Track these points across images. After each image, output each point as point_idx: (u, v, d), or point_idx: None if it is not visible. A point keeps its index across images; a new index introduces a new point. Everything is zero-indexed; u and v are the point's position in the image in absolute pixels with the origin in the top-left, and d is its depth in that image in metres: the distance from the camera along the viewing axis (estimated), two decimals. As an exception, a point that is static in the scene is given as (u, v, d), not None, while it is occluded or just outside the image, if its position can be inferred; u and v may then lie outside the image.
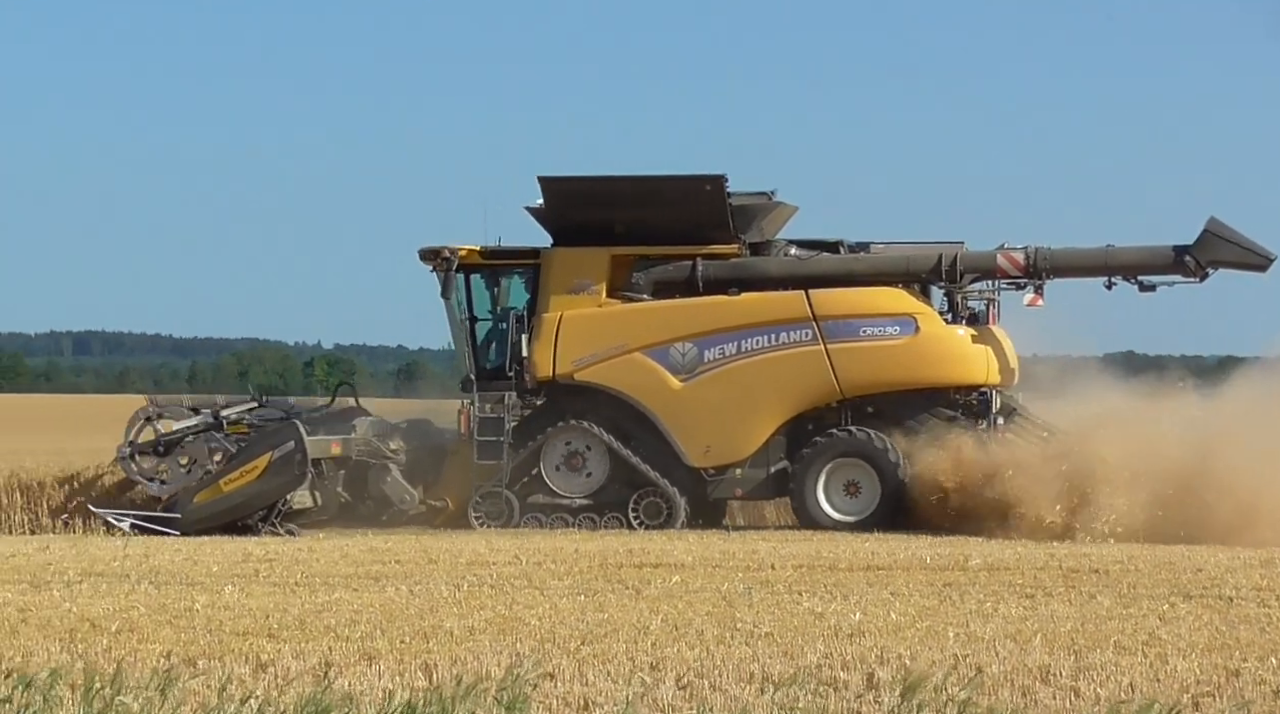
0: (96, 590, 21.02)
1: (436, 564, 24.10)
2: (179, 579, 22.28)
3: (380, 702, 13.19)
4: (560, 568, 23.57)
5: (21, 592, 20.87)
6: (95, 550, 26.18)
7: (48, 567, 23.77)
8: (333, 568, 23.69)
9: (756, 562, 24.44)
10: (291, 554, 25.50)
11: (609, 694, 14.15)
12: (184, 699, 12.54)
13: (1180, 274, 30.39)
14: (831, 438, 30.06)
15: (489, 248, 31.01)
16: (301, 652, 16.18)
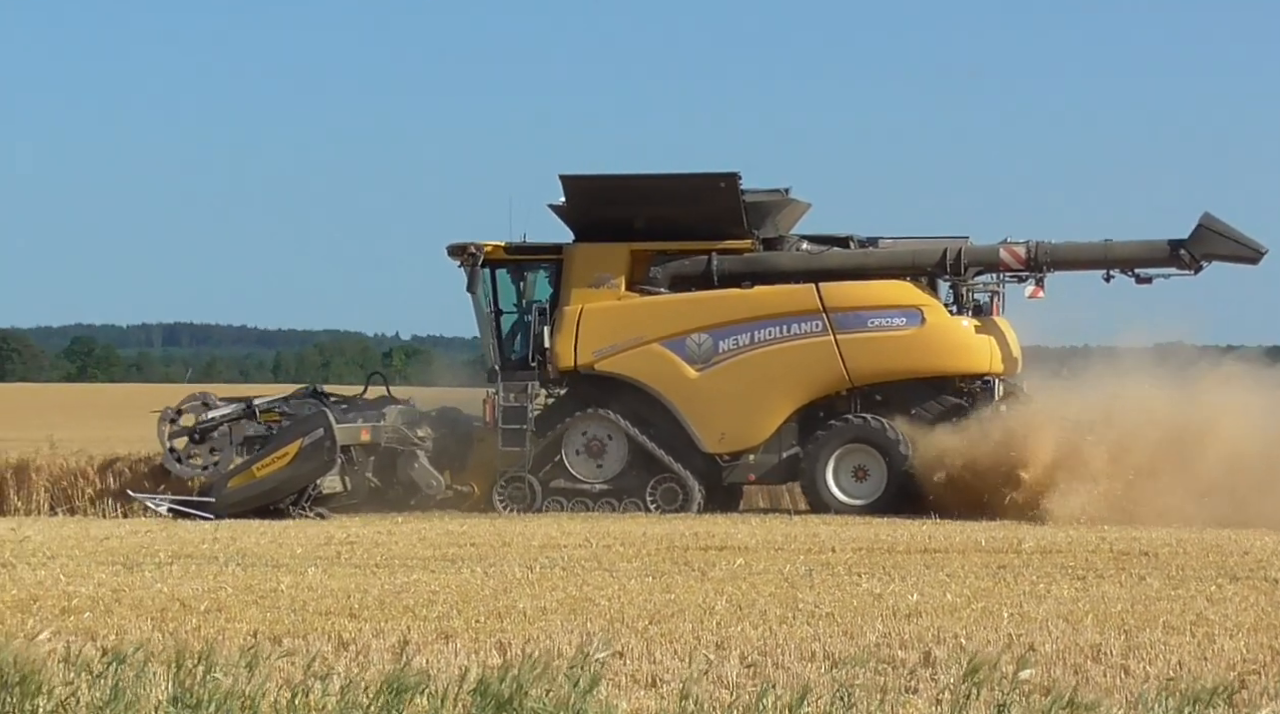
0: (186, 572, 21.17)
1: (510, 547, 24.19)
2: (265, 561, 22.41)
3: (456, 678, 13.26)
4: (629, 551, 23.63)
5: (115, 573, 21.04)
6: (185, 534, 26.36)
7: (140, 549, 23.95)
8: (411, 550, 23.80)
9: (817, 545, 24.46)
10: (371, 537, 25.63)
11: (675, 672, 14.21)
12: (270, 676, 12.62)
13: (1176, 267, 30.56)
14: (840, 425, 30.27)
15: (513, 244, 31.27)
16: (381, 630, 16.28)
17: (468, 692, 12.11)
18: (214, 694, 12.01)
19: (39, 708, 11.89)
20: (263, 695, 12.14)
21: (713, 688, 13.09)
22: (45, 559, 22.54)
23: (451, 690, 12.31)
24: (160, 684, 12.38)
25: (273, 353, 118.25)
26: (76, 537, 25.72)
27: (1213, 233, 30.23)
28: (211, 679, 12.15)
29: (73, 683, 12.26)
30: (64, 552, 23.49)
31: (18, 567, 21.69)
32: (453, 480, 31.24)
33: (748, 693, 13.19)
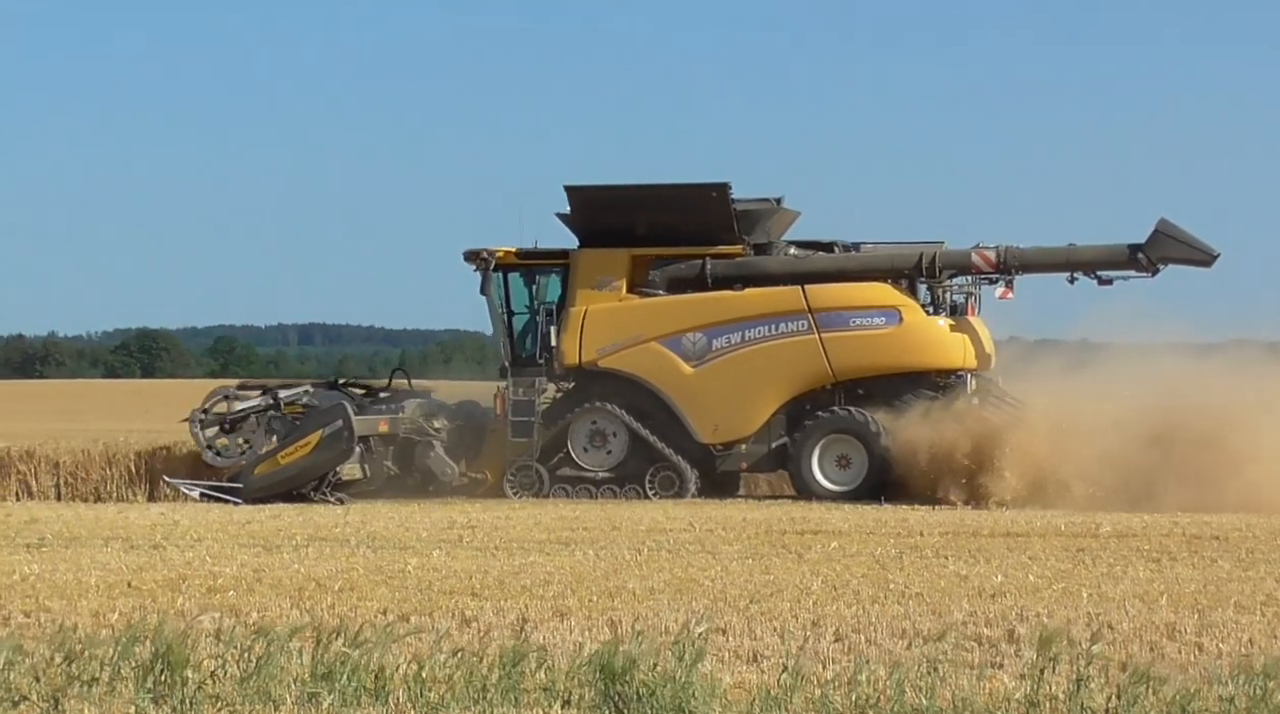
0: (321, 553, 21.30)
1: (619, 531, 24.21)
2: (393, 544, 22.52)
3: (571, 653, 13.30)
4: (730, 534, 23.60)
5: (256, 554, 21.20)
6: (319, 518, 26.53)
7: (278, 532, 24.12)
8: (528, 534, 23.85)
9: (906, 529, 24.37)
10: (491, 522, 25.71)
11: (774, 647, 14.19)
12: (400, 651, 12.69)
13: (1134, 269, 30.79)
14: (824, 417, 30.49)
15: (523, 249, 31.60)
16: (501, 609, 16.33)
17: (581, 665, 12.14)
18: (348, 667, 12.09)
19: (189, 680, 12.00)
20: (393, 669, 12.21)
21: (809, 663, 13.05)
22: (193, 541, 22.74)
23: (566, 664, 12.34)
24: (300, 658, 12.46)
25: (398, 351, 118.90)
26: (221, 521, 25.95)
27: (1168, 237, 30.44)
28: (346, 654, 12.22)
29: (220, 657, 12.36)
30: (209, 535, 23.68)
31: (167, 549, 21.90)
32: (468, 468, 31.55)
33: (842, 667, 13.16)
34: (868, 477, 30.15)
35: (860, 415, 30.29)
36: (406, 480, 31.33)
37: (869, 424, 30.19)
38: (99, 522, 25.83)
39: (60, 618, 15.61)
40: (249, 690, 11.98)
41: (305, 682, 12.08)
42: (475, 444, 31.65)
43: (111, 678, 12.05)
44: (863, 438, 30.23)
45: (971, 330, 31.26)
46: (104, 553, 21.35)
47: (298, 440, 30.52)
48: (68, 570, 19.34)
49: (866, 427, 30.20)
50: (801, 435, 30.44)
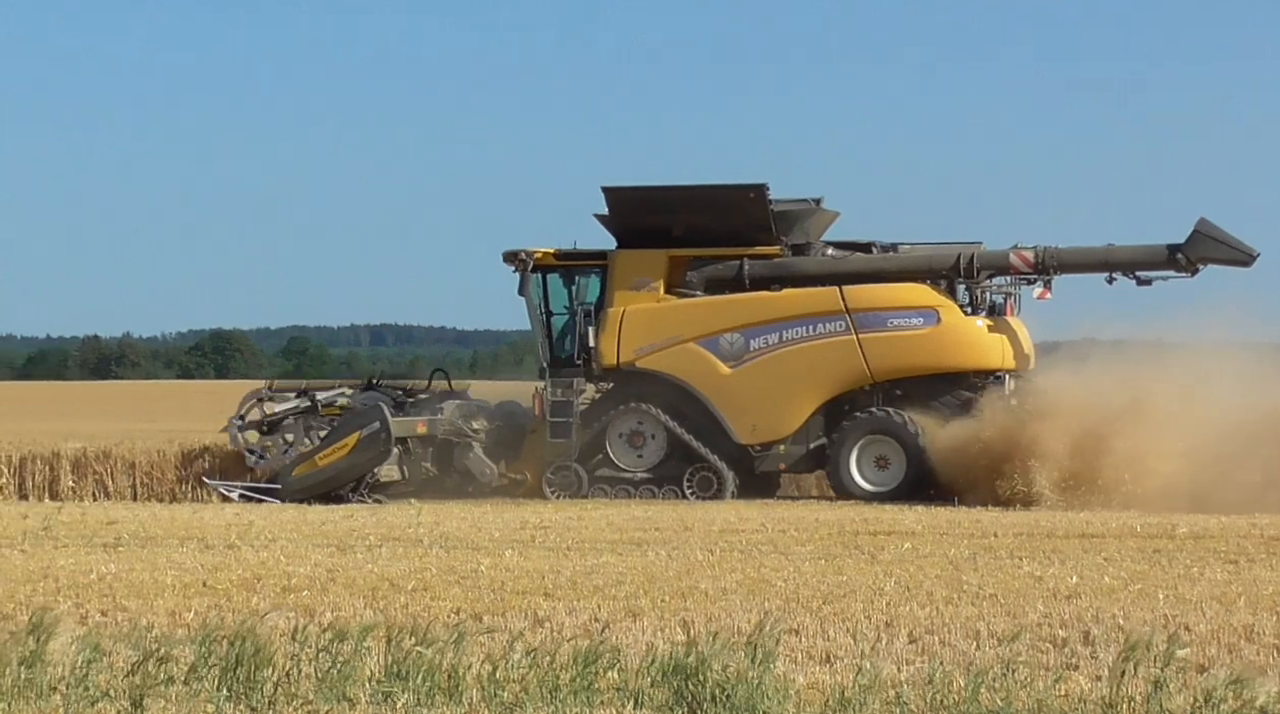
0: (394, 554, 21.36)
1: (692, 531, 24.19)
2: (465, 544, 22.56)
3: (643, 653, 13.29)
4: (803, 535, 23.56)
5: (330, 555, 21.29)
6: (392, 519, 26.61)
7: (352, 533, 24.21)
8: (600, 534, 23.86)
9: (980, 530, 24.26)
10: (563, 522, 25.74)
11: (847, 648, 14.16)
12: (473, 651, 12.72)
13: (1173, 270, 30.66)
14: (862, 417, 30.46)
15: (562, 250, 31.67)
16: (574, 609, 16.34)
17: (654, 665, 12.13)
18: (422, 666, 12.12)
19: (265, 679, 12.06)
20: (466, 668, 12.24)
21: (883, 664, 13.01)
22: (267, 541, 22.85)
23: (639, 664, 12.34)
24: (374, 657, 12.51)
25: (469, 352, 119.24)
26: (294, 521, 26.07)
27: (1207, 237, 30.29)
28: (419, 654, 12.26)
29: (295, 656, 12.42)
30: (283, 535, 23.79)
31: (242, 549, 22.01)
32: (507, 469, 31.64)
33: (916, 669, 13.11)
34: (906, 477, 30.15)
35: (898, 416, 30.28)
36: (445, 481, 31.43)
37: (907, 425, 30.18)
38: (174, 522, 26.01)
39: (137, 617, 15.72)
40: (325, 689, 12.04)
41: (380, 681, 12.12)
42: (515, 445, 31.80)
43: (189, 677, 12.13)
44: (901, 439, 30.22)
45: (1010, 331, 31.21)
46: (180, 553, 21.49)
47: (336, 442, 30.73)
48: (144, 570, 19.48)
49: (904, 427, 30.19)
50: (839, 436, 30.45)
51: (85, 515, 26.93)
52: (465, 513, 27.63)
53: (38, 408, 63.67)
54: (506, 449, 31.73)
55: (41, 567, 19.83)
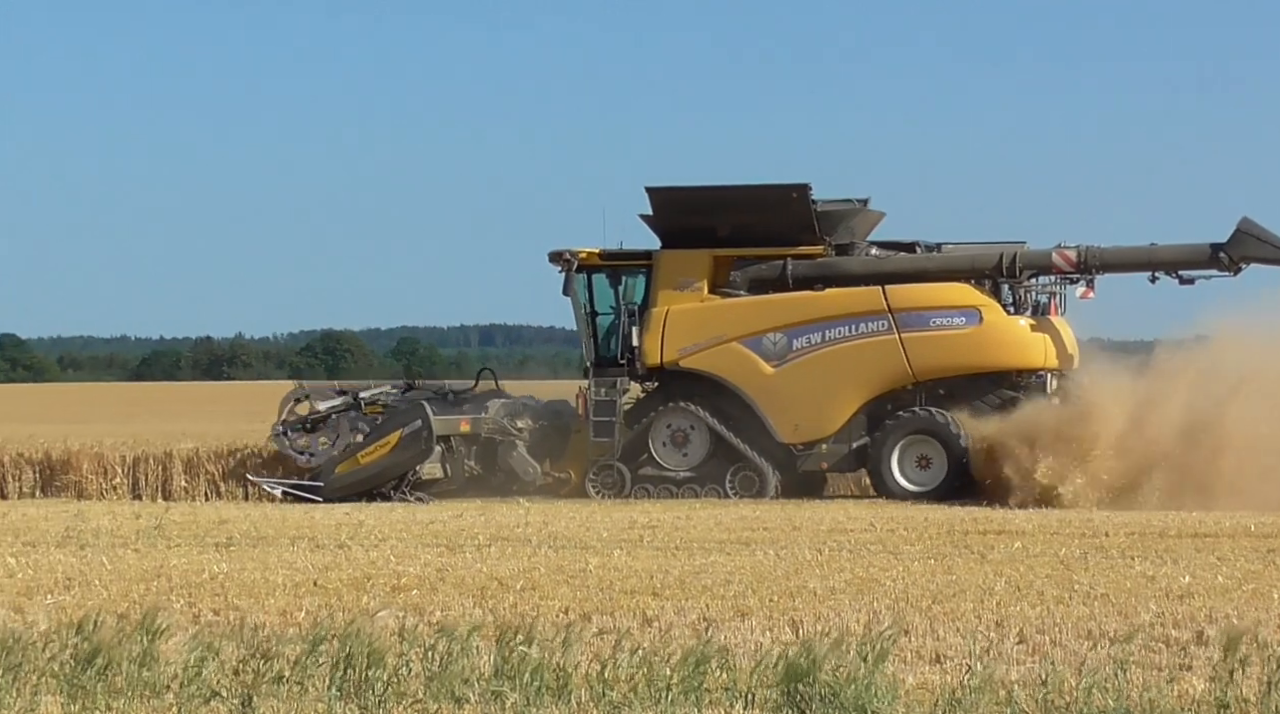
0: (503, 553, 21.42)
1: (800, 531, 24.13)
2: (574, 543, 22.59)
3: (752, 652, 13.26)
4: (911, 534, 23.44)
5: (440, 554, 21.36)
6: (501, 518, 26.71)
7: (461, 532, 24.30)
8: (708, 534, 23.84)
9: (1091, 529, 24.05)
10: (671, 522, 25.73)
11: (958, 648, 14.07)
12: (581, 650, 12.73)
13: (1216, 269, 30.59)
14: (905, 417, 30.45)
15: (607, 250, 31.77)
16: (682, 608, 16.32)
17: (763, 665, 12.10)
18: (532, 666, 12.14)
19: (375, 678, 12.12)
20: (575, 667, 12.25)
21: (994, 664, 12.91)
22: (377, 541, 22.97)
23: (748, 664, 12.31)
24: (483, 656, 12.54)
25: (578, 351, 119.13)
26: (404, 521, 26.20)
27: (1250, 237, 30.24)
28: (529, 652, 12.28)
29: (405, 655, 12.47)
30: (393, 534, 23.92)
31: (352, 548, 22.13)
32: (552, 467, 31.79)
33: (1027, 669, 13.01)
34: (948, 477, 30.15)
35: (940, 415, 30.31)
36: (490, 480, 31.64)
37: (949, 424, 30.20)
38: (285, 521, 26.20)
39: (248, 616, 15.84)
40: (434, 688, 12.08)
41: (489, 680, 12.15)
42: (561, 444, 32.01)
43: (300, 676, 12.20)
44: (942, 438, 30.25)
45: (1053, 330, 31.20)
46: (290, 552, 21.64)
47: (378, 440, 30.95)
48: (255, 569, 19.63)
49: (946, 427, 30.20)
50: (881, 435, 30.49)
51: (197, 515, 27.19)
52: (574, 512, 27.68)
53: (150, 408, 64.39)
54: (552, 448, 32.00)
55: (154, 566, 20.03)
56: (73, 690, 11.98)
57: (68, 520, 25.96)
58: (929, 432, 30.30)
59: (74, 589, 17.97)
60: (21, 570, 19.57)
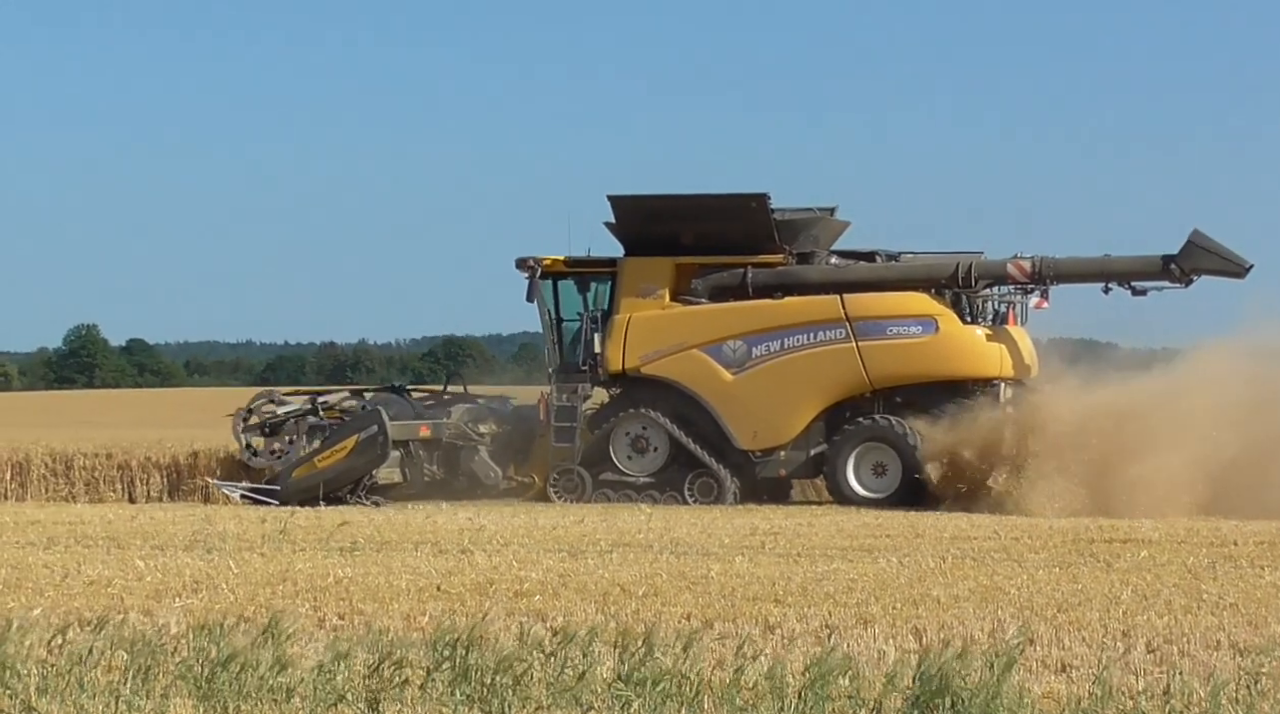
0: (625, 559, 21.42)
1: (922, 538, 24.01)
2: (695, 550, 22.57)
3: (875, 660, 13.20)
4: (1036, 543, 23.26)
5: (561, 560, 21.38)
6: (623, 524, 26.73)
7: (583, 538, 24.34)
8: (830, 541, 23.76)
9: (1219, 538, 23.77)
10: (793, 529, 25.67)
11: (1084, 658, 13.94)
12: (703, 656, 12.72)
13: (1168, 280, 30.92)
14: (859, 425, 30.80)
15: (572, 258, 32.19)
16: (805, 615, 16.27)
17: (886, 674, 12.04)
18: (654, 672, 12.14)
19: (499, 683, 12.16)
20: (697, 674, 12.23)
21: (1121, 674, 12.79)
22: (499, 546, 23.05)
23: (871, 673, 12.25)
24: (605, 662, 12.55)
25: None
26: (526, 526, 26.28)
27: (1201, 249, 30.58)
28: (651, 659, 12.28)
29: (527, 660, 12.51)
30: (515, 540, 23.99)
31: (475, 553, 22.22)
32: (516, 472, 32.25)
33: (1154, 679, 12.87)
34: (903, 484, 30.47)
35: (894, 423, 30.57)
36: (454, 484, 32.14)
37: (903, 432, 30.45)
38: (409, 526, 26.35)
39: (373, 620, 15.94)
40: (558, 693, 12.11)
41: (613, 685, 12.16)
42: (527, 448, 32.42)
43: (424, 680, 12.27)
44: (897, 446, 30.54)
45: (1009, 339, 31.48)
46: (414, 557, 21.76)
47: (334, 444, 31.47)
48: (379, 574, 19.75)
49: (900, 434, 30.46)
50: (837, 443, 30.87)
51: (321, 519, 27.40)
52: (695, 518, 27.68)
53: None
54: (517, 452, 32.48)
55: (280, 570, 20.20)
56: (202, 693, 12.10)
57: (195, 524, 26.25)
58: (884, 439, 30.72)
59: (202, 592, 18.16)
60: (150, 574, 19.80)
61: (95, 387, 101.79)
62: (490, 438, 32.36)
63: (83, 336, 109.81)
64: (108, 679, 12.35)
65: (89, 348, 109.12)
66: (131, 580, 19.19)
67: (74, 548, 22.99)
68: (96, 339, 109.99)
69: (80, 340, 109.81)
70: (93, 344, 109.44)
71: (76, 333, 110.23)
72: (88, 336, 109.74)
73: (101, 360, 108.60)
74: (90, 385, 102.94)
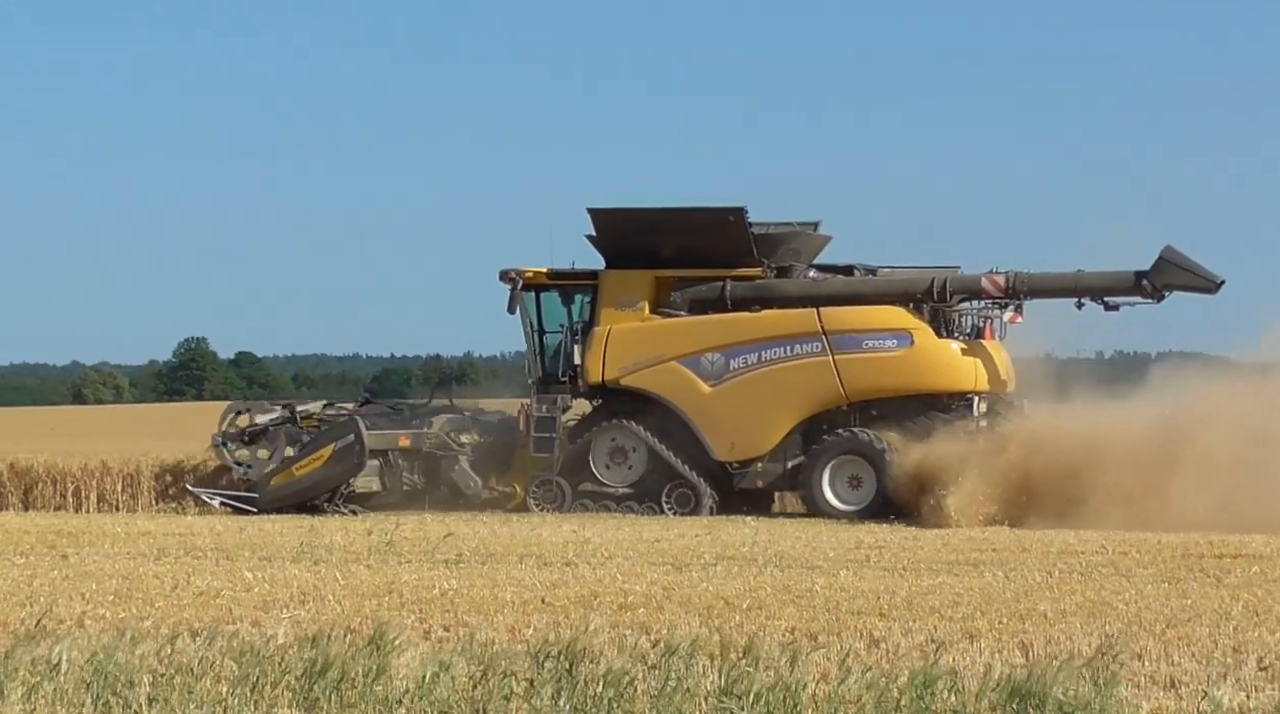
0: (729, 572, 21.41)
1: (1029, 552, 23.87)
2: (800, 563, 22.53)
3: (981, 675, 13.13)
4: (1144, 557, 23.07)
5: (666, 573, 21.38)
6: (727, 537, 26.73)
7: (687, 551, 24.34)
8: (935, 555, 23.66)
9: (1333, 553, 23.47)
10: (899, 543, 25.58)
11: (1193, 674, 13.80)
12: (808, 670, 12.70)
13: (1140, 296, 31.07)
14: (835, 437, 31.02)
15: (554, 270, 32.52)
16: (910, 629, 16.20)
17: (993, 688, 11.97)
18: (758, 686, 12.14)
19: (602, 694, 12.19)
20: (802, 687, 12.22)
21: (1231, 691, 12.66)
22: (604, 559, 23.09)
23: (977, 686, 12.19)
24: (708, 675, 12.55)
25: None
26: (630, 539, 26.32)
27: (1172, 265, 30.73)
28: (755, 672, 12.28)
29: (629, 672, 12.53)
30: (619, 552, 24.03)
31: (579, 565, 22.27)
32: (498, 482, 32.51)
33: (1266, 696, 12.73)
34: (877, 497, 30.67)
35: (868, 436, 30.78)
36: (435, 493, 32.43)
37: (877, 445, 30.64)
38: (514, 538, 26.45)
39: (477, 632, 16.01)
40: (660, 705, 12.12)
41: (715, 698, 12.16)
42: (509, 459, 32.70)
43: (527, 692, 12.32)
44: (872, 459, 30.73)
45: (985, 354, 31.64)
46: (518, 569, 21.83)
47: (312, 453, 31.78)
48: (484, 586, 19.83)
49: (875, 447, 30.65)
50: (813, 456, 31.09)
51: (426, 531, 27.56)
52: (800, 532, 27.64)
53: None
54: (499, 463, 32.76)
55: (385, 581, 20.32)
56: (308, 704, 12.21)
57: (302, 536, 26.46)
58: (859, 452, 30.95)
59: (308, 603, 18.30)
60: (258, 585, 19.98)
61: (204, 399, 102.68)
62: (471, 448, 32.81)
63: (192, 349, 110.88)
64: (216, 689, 12.47)
65: (198, 360, 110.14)
66: (240, 591, 19.37)
67: (184, 559, 23.24)
68: (206, 352, 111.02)
69: (190, 353, 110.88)
70: (202, 357, 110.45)
71: (186, 346, 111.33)
72: (197, 349, 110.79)
73: (210, 373, 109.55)
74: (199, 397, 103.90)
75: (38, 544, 25.35)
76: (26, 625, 15.91)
